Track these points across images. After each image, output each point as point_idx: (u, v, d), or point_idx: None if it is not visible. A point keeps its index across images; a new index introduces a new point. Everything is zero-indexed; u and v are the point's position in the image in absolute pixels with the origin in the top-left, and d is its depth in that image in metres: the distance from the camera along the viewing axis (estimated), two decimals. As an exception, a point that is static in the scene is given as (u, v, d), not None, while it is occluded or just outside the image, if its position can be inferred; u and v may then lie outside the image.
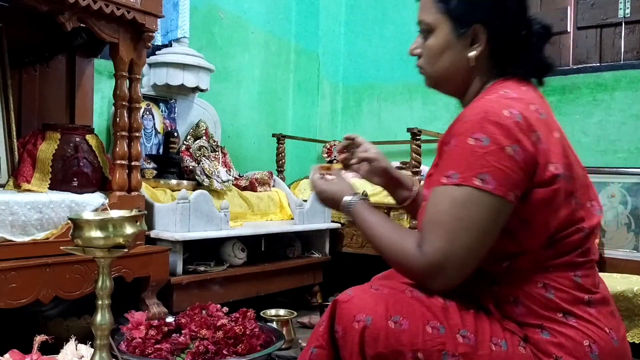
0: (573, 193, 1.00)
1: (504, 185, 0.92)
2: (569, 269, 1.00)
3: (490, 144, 0.93)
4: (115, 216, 1.11)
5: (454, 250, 0.94)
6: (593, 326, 0.97)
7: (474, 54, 1.06)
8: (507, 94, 1.00)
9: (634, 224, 2.68)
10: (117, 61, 1.77)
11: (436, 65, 1.12)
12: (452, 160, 0.97)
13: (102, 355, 1.12)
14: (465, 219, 0.94)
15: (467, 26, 1.06)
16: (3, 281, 1.44)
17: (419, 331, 0.93)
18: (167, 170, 2.40)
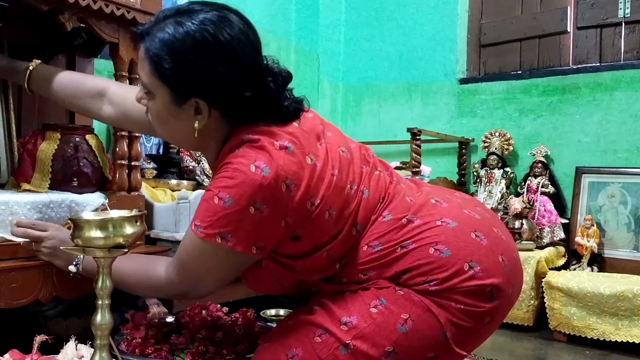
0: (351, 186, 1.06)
1: (245, 241, 0.98)
2: (376, 220, 1.06)
3: (233, 204, 0.96)
4: (115, 216, 1.11)
5: (197, 286, 1.09)
6: (425, 232, 1.02)
7: (197, 125, 1.03)
8: (251, 144, 0.99)
9: (634, 224, 2.68)
10: (117, 61, 1.77)
11: (162, 130, 1.11)
12: (201, 210, 1.01)
13: (102, 355, 1.12)
14: (206, 265, 1.04)
15: (186, 99, 1.02)
16: (3, 281, 1.44)
17: (312, 349, 1.00)
18: (167, 170, 2.40)
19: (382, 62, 3.79)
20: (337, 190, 1.03)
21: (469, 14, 3.54)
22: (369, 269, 1.04)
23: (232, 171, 0.97)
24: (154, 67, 1.02)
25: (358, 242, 1.06)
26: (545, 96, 3.16)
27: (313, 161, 1.02)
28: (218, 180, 0.99)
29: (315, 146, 1.05)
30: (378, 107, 3.83)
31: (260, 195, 0.96)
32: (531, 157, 3.09)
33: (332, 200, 1.02)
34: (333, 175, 1.03)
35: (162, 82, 1.02)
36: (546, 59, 3.26)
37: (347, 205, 1.05)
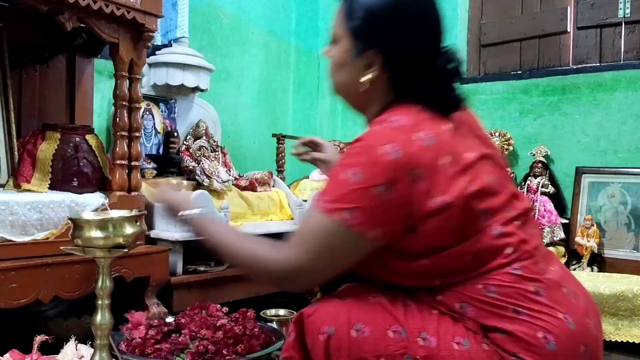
0: (476, 208, 0.99)
1: (369, 222, 0.95)
2: (505, 266, 1.00)
3: (362, 180, 0.95)
4: (115, 216, 1.11)
5: (310, 267, 1.00)
6: (545, 315, 0.97)
7: (365, 78, 1.06)
8: (392, 124, 1.00)
9: (634, 224, 2.68)
10: (117, 61, 1.77)
11: (335, 77, 1.14)
12: (330, 185, 1.01)
13: (102, 355, 1.13)
14: (327, 244, 0.98)
15: (363, 49, 1.05)
16: (3, 281, 1.44)
17: (381, 337, 0.95)
18: (167, 170, 2.40)
19: (382, 62, 3.80)
20: (465, 204, 0.98)
21: (469, 14, 3.53)
22: (471, 307, 0.99)
23: (366, 148, 0.97)
24: (347, 14, 1.07)
25: (474, 273, 1.00)
26: (545, 96, 3.16)
27: (447, 163, 0.99)
28: (350, 156, 0.99)
29: (459, 153, 1.01)
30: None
31: (391, 176, 0.94)
32: (531, 157, 3.08)
33: (455, 213, 0.97)
34: (466, 188, 0.98)
35: (349, 30, 1.06)
36: (546, 59, 3.26)
37: (470, 228, 0.99)
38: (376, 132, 1.00)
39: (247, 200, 2.54)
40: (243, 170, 2.90)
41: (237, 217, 2.43)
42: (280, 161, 3.17)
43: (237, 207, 2.46)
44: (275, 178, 2.85)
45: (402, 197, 0.95)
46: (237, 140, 3.27)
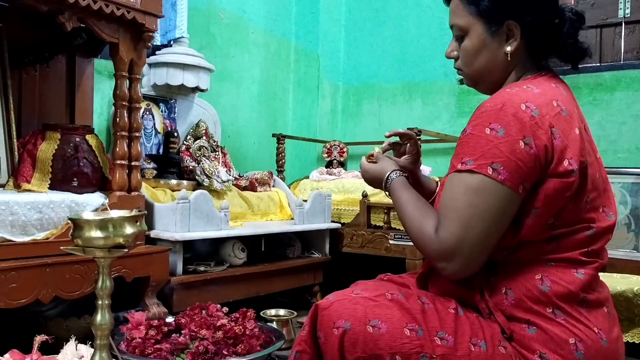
0: (585, 193, 1.01)
1: (515, 177, 0.95)
2: (571, 266, 1.00)
3: (505, 134, 0.96)
4: (115, 216, 1.11)
5: (467, 237, 0.96)
6: (581, 325, 0.97)
7: (509, 49, 1.09)
8: (530, 89, 1.02)
9: (634, 224, 2.68)
10: (117, 61, 1.77)
11: (474, 65, 1.14)
12: (469, 147, 0.99)
13: (102, 355, 1.12)
14: (477, 206, 0.96)
15: (500, 24, 1.08)
16: (3, 281, 1.44)
17: (397, 334, 0.95)
18: (167, 170, 2.40)
19: (382, 62, 3.79)
20: (582, 181, 0.99)
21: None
22: (515, 295, 0.99)
23: (502, 105, 0.98)
24: (472, 3, 1.11)
25: (545, 256, 1.00)
26: (545, 96, 3.17)
27: (577, 135, 1.02)
28: (486, 114, 0.99)
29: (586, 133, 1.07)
30: (378, 107, 3.83)
31: (530, 131, 0.95)
32: (531, 157, 3.09)
33: (574, 182, 0.98)
34: (587, 166, 1.01)
35: (478, 15, 1.10)
36: (546, 59, 3.26)
37: (571, 212, 1.00)
38: (514, 92, 1.01)
39: (247, 200, 2.55)
40: (243, 170, 2.90)
41: (237, 217, 2.43)
42: (280, 161, 3.17)
43: (237, 207, 2.46)
44: (275, 178, 2.85)
45: (543, 152, 0.96)
46: (237, 140, 3.27)
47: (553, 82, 1.09)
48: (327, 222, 2.73)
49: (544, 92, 1.03)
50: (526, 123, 0.96)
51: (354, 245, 2.77)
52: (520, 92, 1.01)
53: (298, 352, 1.02)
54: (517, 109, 0.97)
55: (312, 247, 2.74)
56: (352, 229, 2.78)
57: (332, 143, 3.62)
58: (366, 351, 0.94)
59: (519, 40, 1.09)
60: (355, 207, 2.84)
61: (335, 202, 2.89)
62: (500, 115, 0.97)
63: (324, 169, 3.37)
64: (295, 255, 2.61)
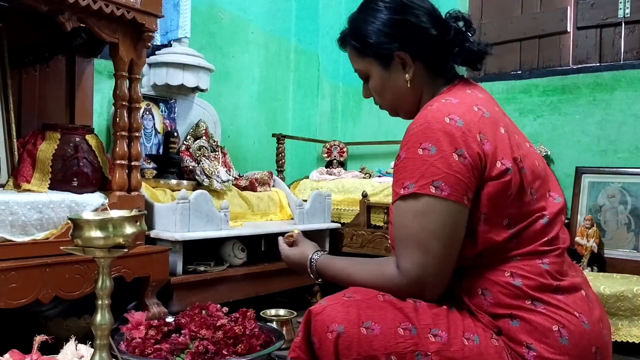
0: (528, 185, 1.04)
1: (457, 190, 0.98)
2: (535, 257, 1.02)
3: (438, 151, 0.98)
4: (115, 216, 1.11)
5: (428, 260, 0.98)
6: (562, 311, 0.99)
7: (408, 76, 1.16)
8: (448, 101, 1.06)
9: (634, 224, 2.68)
10: (117, 61, 1.77)
11: (386, 99, 1.22)
12: (406, 171, 1.01)
13: (102, 355, 1.12)
14: (429, 227, 0.98)
15: (390, 57, 1.16)
16: (3, 281, 1.44)
17: (391, 334, 0.96)
18: (167, 170, 2.40)
19: (382, 62, 3.79)
20: (519, 174, 1.02)
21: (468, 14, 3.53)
22: (492, 294, 1.01)
23: (427, 123, 1.01)
24: (357, 49, 1.20)
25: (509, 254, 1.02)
26: (545, 96, 3.16)
27: (503, 133, 1.05)
28: (415, 135, 1.02)
29: (511, 130, 1.09)
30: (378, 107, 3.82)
31: (460, 143, 0.98)
32: (531, 157, 3.09)
33: (512, 179, 1.00)
34: (520, 159, 1.03)
35: (369, 57, 1.18)
36: (546, 59, 3.26)
37: (521, 203, 1.02)
38: (435, 108, 1.04)
39: (247, 200, 2.54)
40: (243, 170, 2.90)
41: (237, 217, 2.43)
42: (280, 161, 3.17)
43: (237, 207, 2.46)
44: (275, 178, 2.85)
45: (477, 158, 0.99)
46: (237, 140, 3.27)
47: (467, 88, 1.13)
48: (327, 222, 2.73)
49: (462, 100, 1.06)
50: (455, 135, 0.99)
51: (354, 245, 2.77)
52: (441, 107, 1.04)
53: (293, 359, 1.03)
54: (442, 124, 1.00)
55: (312, 247, 2.74)
56: (352, 229, 2.78)
57: (332, 143, 3.62)
58: (361, 353, 0.95)
59: (413, 65, 1.15)
60: (355, 207, 2.84)
61: (335, 202, 2.89)
62: (428, 133, 1.00)
63: (323, 169, 3.37)
64: (295, 255, 2.60)
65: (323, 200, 2.70)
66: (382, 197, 2.80)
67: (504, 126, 1.07)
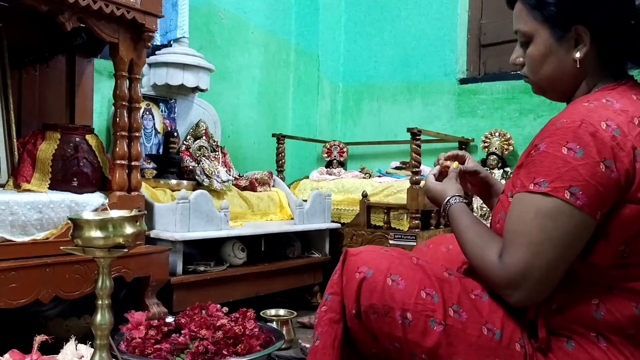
0: None
1: (594, 203, 0.88)
2: (633, 297, 0.94)
3: (585, 156, 0.88)
4: (115, 216, 1.11)
5: (535, 263, 0.90)
6: (622, 357, 0.93)
7: (578, 55, 1.01)
8: (610, 104, 0.95)
9: (634, 224, 2.68)
10: (117, 61, 1.77)
11: (540, 73, 1.08)
12: (543, 166, 0.92)
13: (102, 355, 1.12)
14: (550, 231, 0.90)
15: (567, 29, 1.01)
16: (3, 281, 1.44)
17: (413, 293, 0.96)
18: (167, 170, 2.40)
19: (382, 62, 3.79)
20: None
21: (469, 14, 3.53)
22: (566, 313, 0.95)
23: (580, 122, 0.91)
24: (534, 6, 1.04)
25: (599, 285, 0.95)
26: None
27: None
28: (562, 131, 0.92)
29: None
30: (378, 107, 3.82)
31: (611, 153, 0.88)
32: (531, 157, 3.08)
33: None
34: None
35: (543, 20, 1.03)
36: (546, 59, 3.26)
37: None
38: (593, 108, 0.94)
39: (247, 200, 2.55)
40: (243, 170, 2.90)
41: (237, 217, 2.43)
42: (280, 161, 3.17)
43: (237, 207, 2.46)
44: (275, 178, 2.85)
45: (624, 175, 0.89)
46: (237, 140, 3.27)
47: (633, 92, 1.00)
48: (327, 222, 2.73)
49: (624, 108, 0.94)
50: (607, 144, 0.88)
51: (354, 245, 2.77)
52: (600, 108, 0.93)
53: (330, 295, 1.04)
54: (597, 128, 0.89)
55: (312, 247, 2.74)
56: (352, 229, 2.78)
57: (332, 143, 3.62)
58: (380, 301, 0.96)
59: (588, 46, 1.00)
60: (355, 207, 2.84)
61: (335, 202, 2.89)
62: (578, 133, 0.90)
63: (323, 169, 3.37)
64: (295, 255, 2.61)
65: (323, 200, 2.70)
66: (382, 197, 2.80)
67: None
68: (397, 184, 2.80)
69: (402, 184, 2.76)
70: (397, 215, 2.66)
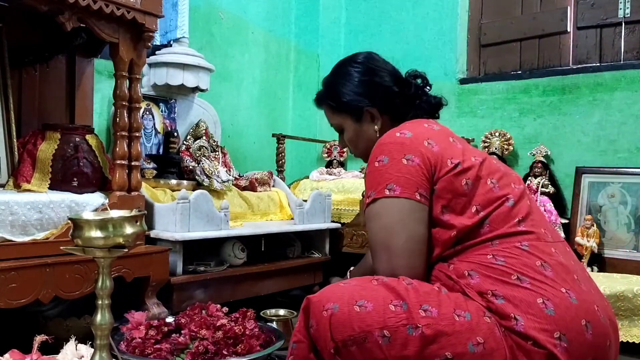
0: (485, 176, 1.16)
1: (408, 188, 1.12)
2: (513, 239, 1.11)
3: (390, 160, 1.16)
4: (115, 216, 1.11)
5: (392, 256, 1.12)
6: (547, 286, 1.03)
7: (377, 127, 1.37)
8: (400, 128, 1.24)
9: (634, 224, 2.68)
10: (117, 61, 1.77)
11: (360, 148, 1.42)
12: (368, 182, 1.19)
13: (102, 355, 1.12)
14: (386, 226, 1.13)
15: (361, 113, 1.38)
16: (3, 281, 1.44)
17: (383, 311, 1.00)
18: (167, 170, 2.40)
19: (382, 62, 3.79)
20: (474, 169, 1.16)
21: (468, 14, 3.53)
22: (478, 274, 1.08)
23: (381, 141, 1.21)
24: (334, 107, 1.41)
25: (484, 244, 1.12)
26: (545, 96, 3.16)
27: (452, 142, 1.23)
28: (373, 153, 1.21)
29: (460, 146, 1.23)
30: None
31: (408, 149, 1.15)
32: (531, 157, 3.08)
33: (466, 171, 1.15)
34: (471, 158, 1.18)
35: (344, 114, 1.40)
36: (546, 59, 3.26)
37: (486, 195, 1.14)
38: (388, 133, 1.24)
39: (247, 200, 2.54)
40: (243, 170, 2.90)
41: (237, 217, 2.43)
42: (280, 161, 3.17)
43: (237, 207, 2.46)
44: (275, 178, 2.85)
45: (427, 159, 1.14)
46: (237, 140, 3.27)
47: (424, 122, 1.30)
48: (327, 222, 2.73)
49: (412, 126, 1.24)
50: (404, 143, 1.16)
51: (354, 245, 2.77)
52: (393, 130, 1.23)
53: (295, 343, 1.08)
54: (393, 137, 1.19)
55: (312, 247, 2.74)
56: (352, 229, 2.78)
57: (332, 143, 3.62)
58: (355, 329, 0.99)
59: (380, 118, 1.37)
60: (355, 207, 2.84)
61: (335, 202, 2.89)
62: (382, 147, 1.19)
63: (324, 169, 3.37)
64: (295, 255, 2.60)
65: (323, 200, 2.70)
66: (382, 197, 2.80)
67: (455, 139, 1.24)
68: (397, 184, 2.80)
69: (402, 184, 2.75)
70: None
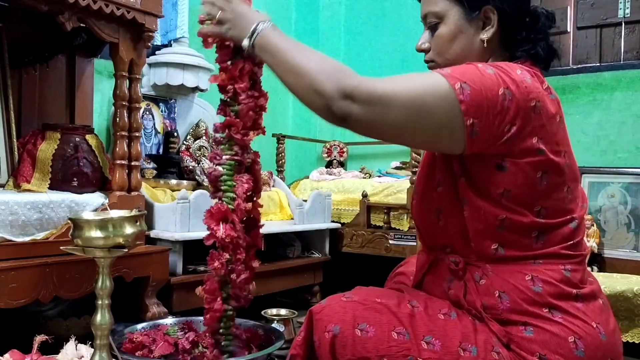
0: (566, 182, 1.02)
1: (471, 105, 0.93)
2: (558, 262, 1.01)
3: (494, 75, 0.95)
4: (115, 216, 1.11)
5: (388, 100, 0.98)
6: (579, 321, 0.97)
7: (486, 36, 1.07)
8: (510, 66, 1.02)
9: (634, 224, 2.68)
10: (117, 61, 1.77)
11: (449, 53, 1.10)
12: (456, 67, 0.99)
13: (102, 355, 1.12)
14: (419, 95, 0.95)
15: (478, 9, 1.07)
16: (3, 281, 1.44)
17: (385, 338, 0.96)
18: (167, 170, 2.40)
19: (382, 62, 3.78)
20: (557, 166, 1.01)
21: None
22: (509, 298, 0.99)
23: (499, 67, 0.99)
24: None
25: (527, 260, 1.01)
26: (545, 96, 3.17)
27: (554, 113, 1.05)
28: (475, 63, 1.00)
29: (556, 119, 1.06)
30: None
31: (515, 88, 0.95)
32: (531, 157, 3.08)
33: (544, 163, 0.99)
34: (561, 154, 1.02)
35: (455, 0, 1.08)
36: (546, 59, 3.26)
37: (554, 196, 1.01)
38: (507, 62, 1.03)
39: (247, 200, 2.54)
40: (243, 170, 2.90)
41: (237, 217, 2.43)
42: (280, 161, 3.17)
43: (237, 207, 2.46)
44: (275, 178, 2.85)
45: (513, 111, 0.95)
46: (237, 140, 3.26)
47: (540, 78, 1.07)
48: (327, 222, 2.73)
49: (523, 71, 1.01)
50: (515, 80, 0.96)
51: (354, 245, 2.77)
52: (506, 65, 1.01)
53: (292, 356, 1.06)
54: (511, 69, 0.98)
55: (312, 247, 2.74)
56: (352, 229, 2.78)
57: (332, 143, 3.62)
58: (355, 354, 0.96)
59: (495, 27, 1.07)
60: (355, 207, 2.84)
61: (335, 202, 2.89)
62: (494, 65, 0.99)
63: (324, 169, 3.37)
64: (295, 255, 2.61)
65: (323, 200, 2.70)
66: (382, 197, 2.80)
67: (560, 116, 1.06)
68: (397, 184, 2.80)
69: (402, 184, 2.75)
70: (397, 215, 2.66)
